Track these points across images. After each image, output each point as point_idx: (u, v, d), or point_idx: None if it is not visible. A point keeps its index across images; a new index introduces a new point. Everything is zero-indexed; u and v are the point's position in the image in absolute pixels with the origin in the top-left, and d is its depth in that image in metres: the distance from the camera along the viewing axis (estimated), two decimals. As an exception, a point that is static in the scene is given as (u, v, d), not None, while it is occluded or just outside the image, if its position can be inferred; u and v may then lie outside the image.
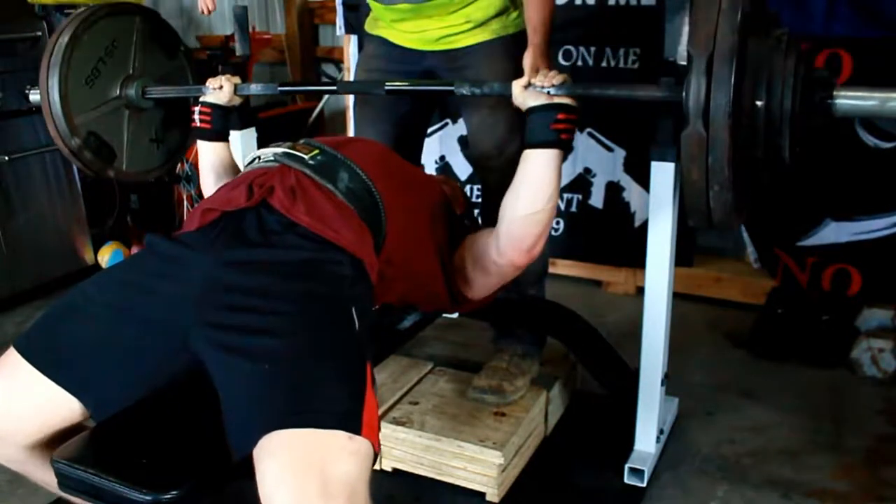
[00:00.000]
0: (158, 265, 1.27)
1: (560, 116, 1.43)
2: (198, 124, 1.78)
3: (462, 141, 3.04)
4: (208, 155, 1.78)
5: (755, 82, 1.23)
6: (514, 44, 1.77)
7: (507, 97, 1.72)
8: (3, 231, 2.93)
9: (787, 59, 1.25)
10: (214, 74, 1.83)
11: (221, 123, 1.78)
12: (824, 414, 2.15)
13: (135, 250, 3.40)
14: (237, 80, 1.80)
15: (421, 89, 1.76)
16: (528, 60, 1.69)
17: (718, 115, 1.19)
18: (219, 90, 1.77)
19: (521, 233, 1.48)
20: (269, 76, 4.36)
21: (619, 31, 2.72)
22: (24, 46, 3.02)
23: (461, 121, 1.97)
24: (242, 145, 2.17)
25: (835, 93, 1.28)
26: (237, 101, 1.81)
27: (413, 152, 2.03)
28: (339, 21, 3.12)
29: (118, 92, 2.01)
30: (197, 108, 1.78)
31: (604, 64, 2.78)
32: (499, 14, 1.81)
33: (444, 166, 3.15)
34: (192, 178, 3.55)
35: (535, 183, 1.46)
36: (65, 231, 3.19)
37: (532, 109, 1.46)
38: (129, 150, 2.07)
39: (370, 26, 1.99)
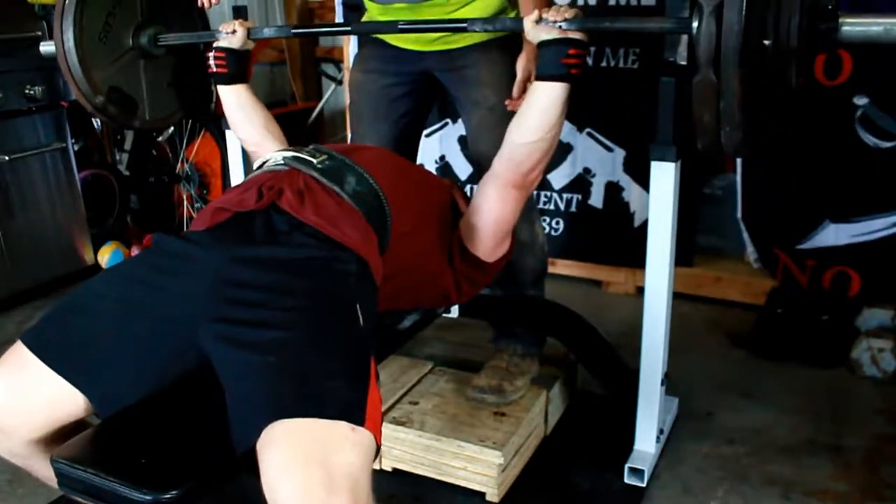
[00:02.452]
0: (166, 262, 1.28)
1: (571, 51, 1.44)
2: (214, 70, 1.79)
3: (462, 141, 3.04)
4: (230, 98, 1.80)
5: (763, 22, 1.25)
6: (512, 44, 1.77)
7: (507, 95, 1.74)
8: (3, 231, 2.93)
9: None
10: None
11: (237, 66, 1.79)
12: (824, 414, 2.15)
13: (135, 250, 3.40)
14: (250, 23, 1.81)
15: (433, 27, 1.75)
16: (521, 64, 1.69)
17: (729, 63, 1.21)
18: (232, 35, 1.77)
19: (522, 158, 1.52)
20: (270, 76, 4.36)
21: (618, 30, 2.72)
22: (24, 46, 3.02)
23: (461, 120, 1.96)
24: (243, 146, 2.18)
25: (840, 20, 1.29)
26: (251, 44, 1.81)
27: (410, 153, 2.03)
28: (339, 21, 3.13)
29: (131, 43, 2.01)
30: (211, 54, 1.79)
31: (603, 64, 2.78)
32: (497, 14, 1.80)
33: (444, 166, 3.15)
34: (192, 178, 3.56)
35: (541, 113, 1.48)
36: (65, 231, 3.19)
37: (543, 43, 1.47)
38: (150, 98, 2.09)
39: (366, 26, 1.98)
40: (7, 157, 2.89)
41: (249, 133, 1.80)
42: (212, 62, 1.79)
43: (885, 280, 2.52)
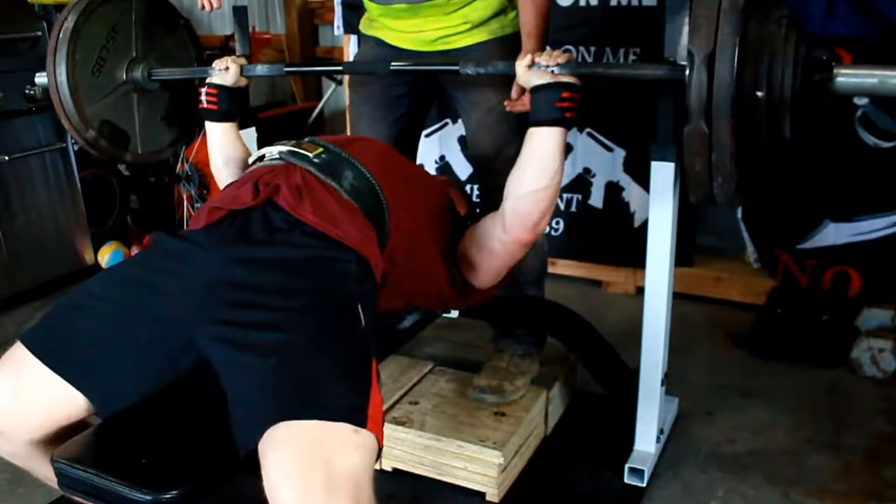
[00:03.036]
0: (165, 263, 1.28)
1: (564, 95, 1.43)
2: (204, 105, 1.77)
3: (462, 141, 3.04)
4: (216, 135, 1.78)
5: (756, 73, 1.24)
6: (512, 44, 1.77)
7: (506, 95, 1.73)
8: (3, 231, 2.93)
9: (786, 45, 1.25)
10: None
11: (228, 104, 1.77)
12: (824, 414, 2.15)
13: (135, 250, 3.40)
14: (243, 60, 1.80)
15: (425, 69, 1.75)
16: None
17: (721, 114, 1.20)
18: (225, 71, 1.76)
19: (527, 209, 1.49)
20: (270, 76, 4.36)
21: (619, 31, 2.72)
22: (24, 46, 3.02)
23: (461, 121, 1.97)
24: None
25: (834, 71, 1.29)
26: (243, 82, 1.80)
27: (409, 153, 2.03)
28: (338, 21, 3.13)
29: (125, 77, 2.02)
30: (203, 90, 1.77)
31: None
32: (496, 14, 1.80)
33: (444, 166, 3.15)
34: (192, 178, 3.56)
35: (540, 160, 1.47)
36: (65, 231, 3.19)
37: (536, 88, 1.46)
38: (142, 132, 2.09)
39: (365, 27, 1.98)
40: (7, 157, 2.89)
41: (224, 174, 1.76)
42: (203, 98, 1.77)
43: (885, 280, 2.52)
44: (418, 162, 2.13)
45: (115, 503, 1.06)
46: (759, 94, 1.24)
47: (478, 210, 2.00)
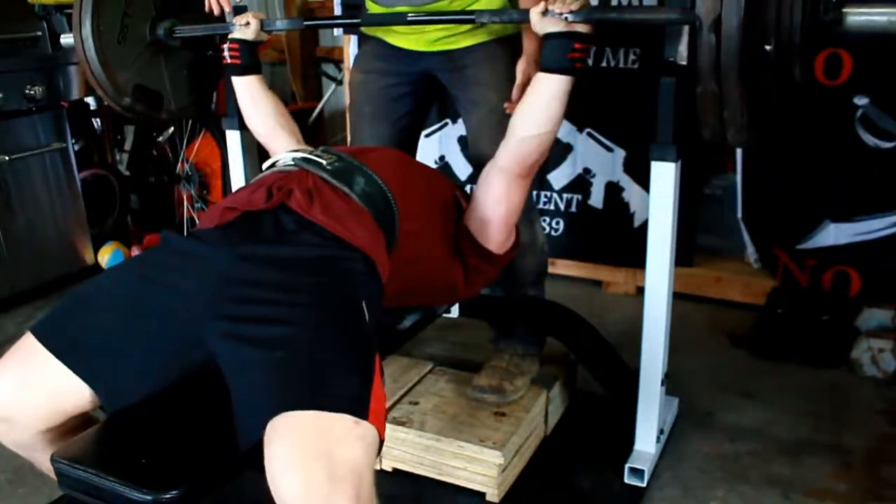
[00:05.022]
0: (174, 260, 1.30)
1: (577, 45, 1.47)
2: (228, 61, 1.83)
3: (462, 141, 3.04)
4: (243, 89, 1.84)
5: (763, 28, 1.24)
6: (513, 45, 1.77)
7: (507, 96, 1.74)
8: (3, 231, 2.93)
9: None
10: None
11: (250, 57, 1.84)
12: (824, 414, 2.15)
13: (135, 250, 3.40)
14: (262, 15, 1.85)
15: (441, 20, 1.76)
16: (520, 67, 1.70)
17: (730, 73, 1.22)
18: (245, 27, 1.82)
19: (529, 149, 1.56)
20: (270, 76, 4.36)
21: (619, 31, 2.72)
22: (24, 46, 3.02)
23: (461, 121, 1.97)
24: (242, 143, 2.18)
25: (844, 10, 1.29)
26: (264, 36, 1.85)
27: (409, 153, 2.03)
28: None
29: (148, 38, 2.07)
30: (226, 46, 1.83)
31: (603, 64, 2.78)
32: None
33: (444, 166, 3.15)
34: (192, 178, 3.56)
35: (546, 106, 1.52)
36: (65, 231, 3.19)
37: (549, 35, 1.49)
38: (173, 88, 2.16)
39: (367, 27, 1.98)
40: (7, 157, 2.89)
41: (258, 125, 1.84)
42: (226, 54, 1.83)
43: (885, 280, 2.52)
44: (418, 162, 2.13)
45: (115, 503, 1.06)
46: (768, 47, 1.25)
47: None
